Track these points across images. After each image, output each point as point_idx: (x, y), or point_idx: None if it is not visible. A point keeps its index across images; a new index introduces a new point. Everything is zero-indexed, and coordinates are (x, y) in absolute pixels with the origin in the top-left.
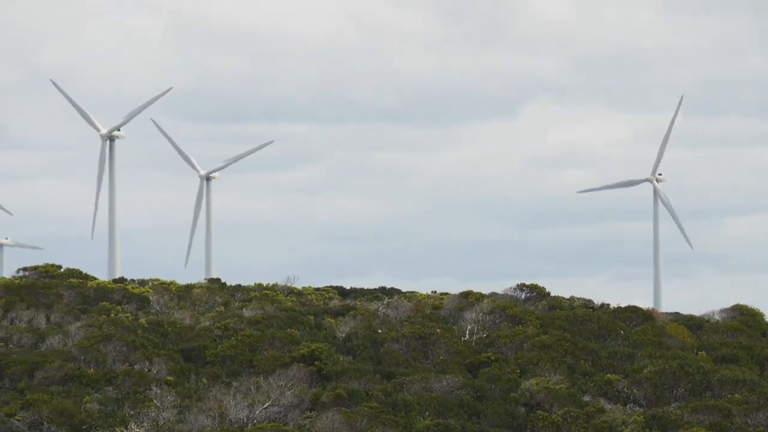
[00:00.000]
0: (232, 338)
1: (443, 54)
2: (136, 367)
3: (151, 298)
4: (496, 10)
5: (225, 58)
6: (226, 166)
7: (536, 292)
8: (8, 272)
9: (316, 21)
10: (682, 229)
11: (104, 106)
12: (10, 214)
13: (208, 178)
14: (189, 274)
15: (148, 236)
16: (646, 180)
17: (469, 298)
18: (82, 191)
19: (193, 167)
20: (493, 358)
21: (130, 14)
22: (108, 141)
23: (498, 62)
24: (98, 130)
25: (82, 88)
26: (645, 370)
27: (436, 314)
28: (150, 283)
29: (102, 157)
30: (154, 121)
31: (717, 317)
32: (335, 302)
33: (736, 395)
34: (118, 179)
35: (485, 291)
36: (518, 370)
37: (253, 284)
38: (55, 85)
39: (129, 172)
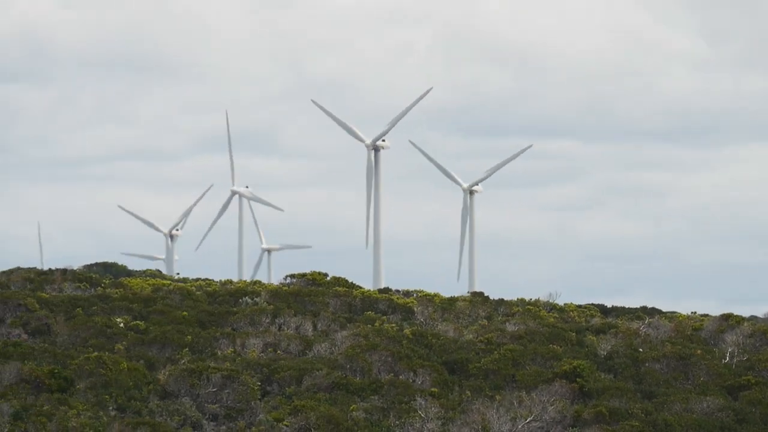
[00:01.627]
0: (495, 352)
1: (709, 74)
2: (401, 377)
3: (415, 309)
4: (763, 33)
5: (490, 71)
6: (487, 177)
7: None
8: (277, 277)
9: (583, 37)
10: None
11: (370, 118)
12: (281, 210)
13: (471, 192)
14: (452, 287)
15: (411, 248)
16: None
17: (729, 320)
18: (349, 201)
19: (455, 181)
20: (753, 381)
21: (398, 26)
22: (373, 151)
23: (764, 84)
24: (362, 140)
25: (351, 99)
26: None
27: (696, 335)
28: (414, 295)
29: (369, 168)
30: (412, 143)
31: None
32: (596, 320)
33: None
34: (383, 190)
35: (745, 314)
36: None
37: (515, 299)
38: (316, 103)
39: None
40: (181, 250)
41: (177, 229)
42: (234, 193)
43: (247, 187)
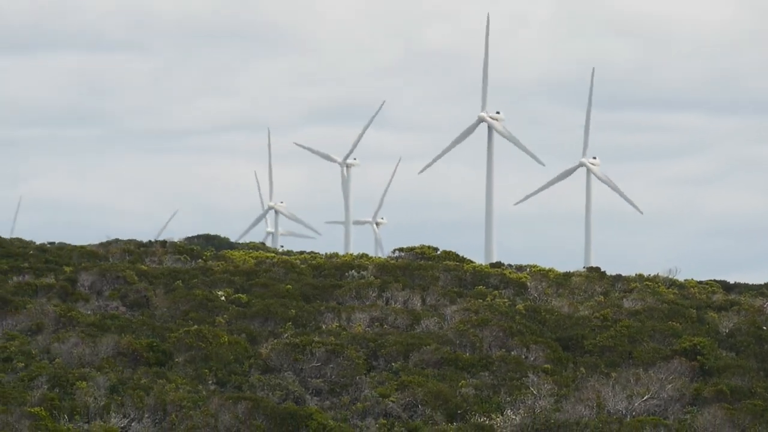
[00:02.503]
0: (611, 329)
1: None
2: (512, 353)
3: (528, 284)
4: None
5: (614, 43)
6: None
7: None
8: (387, 250)
9: (711, 8)
10: None
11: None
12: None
13: (587, 166)
14: (567, 262)
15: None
16: None
17: None
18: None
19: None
20: None
21: None
22: (485, 124)
23: None
24: (483, 111)
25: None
26: None
27: None
28: (528, 269)
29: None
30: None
31: None
32: (718, 296)
33: None
34: (496, 164)
35: None
36: None
37: (633, 275)
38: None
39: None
40: (286, 223)
41: (354, 159)
42: (343, 164)
43: (355, 159)
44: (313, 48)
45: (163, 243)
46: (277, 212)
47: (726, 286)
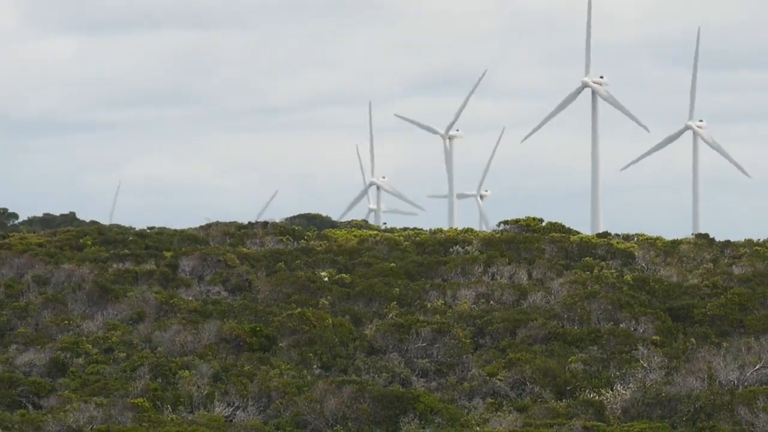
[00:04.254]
0: (721, 297)
1: None
2: (621, 326)
3: (636, 253)
4: None
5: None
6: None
7: None
8: (491, 223)
9: None
10: None
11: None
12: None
13: (693, 130)
14: (674, 229)
15: (631, 191)
16: None
17: None
18: (566, 142)
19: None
20: None
21: None
22: (588, 90)
23: None
24: (586, 76)
25: (570, 32)
26: None
27: None
28: (635, 238)
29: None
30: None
31: None
32: None
33: None
34: (601, 132)
35: None
36: None
37: (742, 240)
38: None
39: (613, 124)
40: (389, 199)
41: (457, 130)
42: (446, 136)
43: (458, 130)
44: (411, 16)
45: (264, 224)
46: (378, 188)
47: None
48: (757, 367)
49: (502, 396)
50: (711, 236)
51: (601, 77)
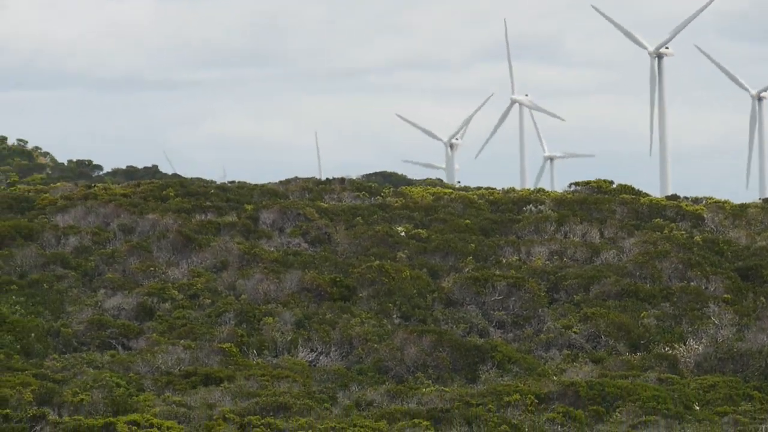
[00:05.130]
0: None
1: None
2: (692, 284)
3: (705, 216)
4: None
5: None
6: None
7: None
8: (559, 186)
9: None
10: None
11: (654, 24)
12: (562, 120)
13: (759, 98)
14: (741, 194)
15: (698, 155)
16: None
17: None
18: (633, 108)
19: (743, 87)
20: None
21: None
22: (656, 59)
23: None
24: (645, 48)
25: (635, 4)
26: None
27: None
28: (703, 201)
29: (652, 75)
30: (697, 47)
31: None
32: None
33: None
34: (667, 97)
35: None
36: None
37: None
38: (597, 9)
39: (680, 90)
40: (461, 159)
41: (456, 138)
42: (514, 101)
43: (527, 95)
44: None
45: (342, 180)
46: (453, 146)
47: None
48: None
49: (578, 348)
50: None
51: (667, 47)
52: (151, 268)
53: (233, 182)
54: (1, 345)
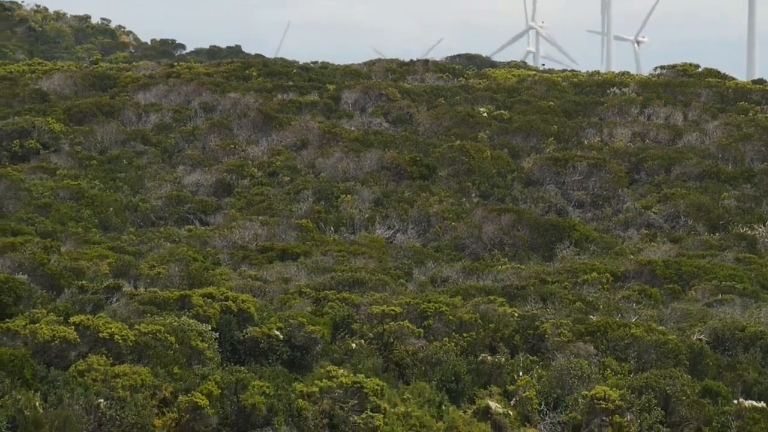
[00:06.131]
0: None
1: None
2: None
3: None
4: None
5: None
6: None
7: None
8: (645, 70)
9: None
10: None
11: None
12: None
13: None
14: None
15: None
16: None
17: None
18: None
19: None
20: None
21: None
22: None
23: None
24: None
25: None
26: None
27: None
28: None
29: None
30: None
31: None
32: None
33: None
34: None
35: None
36: None
37: None
38: None
39: None
40: (547, 45)
41: (542, 23)
42: None
43: None
44: None
45: (425, 62)
46: (537, 33)
47: None
48: None
49: (657, 228)
50: None
51: None
52: (231, 146)
53: (316, 63)
54: (79, 219)
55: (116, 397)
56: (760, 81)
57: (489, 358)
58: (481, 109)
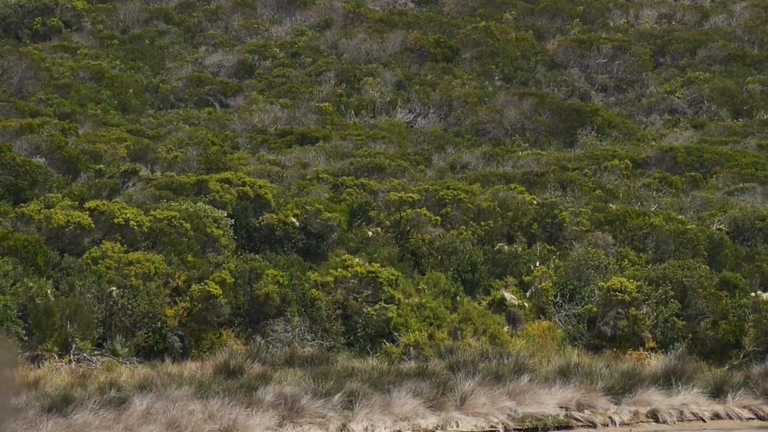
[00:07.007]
0: None
1: None
2: None
3: None
4: None
5: None
6: None
7: None
8: None
9: None
10: None
11: None
12: None
13: None
14: None
15: None
16: None
17: None
18: None
19: None
20: None
21: None
22: None
23: None
24: None
25: None
26: None
27: None
28: None
29: None
30: None
31: None
32: None
33: None
34: None
35: None
36: None
37: None
38: None
39: None
40: None
41: None
42: None
43: None
44: None
45: None
46: None
47: None
48: None
49: (680, 113)
50: None
51: None
52: (254, 26)
53: None
54: (98, 100)
55: (128, 285)
56: None
57: (506, 247)
58: None
